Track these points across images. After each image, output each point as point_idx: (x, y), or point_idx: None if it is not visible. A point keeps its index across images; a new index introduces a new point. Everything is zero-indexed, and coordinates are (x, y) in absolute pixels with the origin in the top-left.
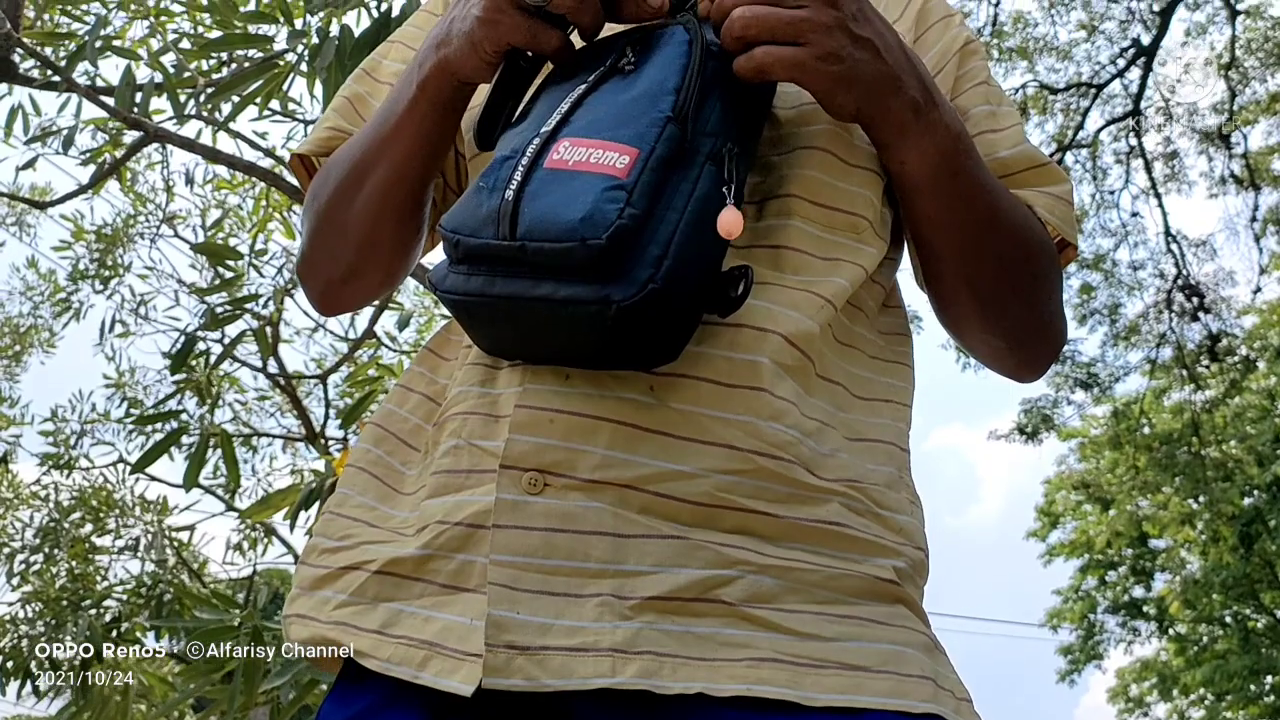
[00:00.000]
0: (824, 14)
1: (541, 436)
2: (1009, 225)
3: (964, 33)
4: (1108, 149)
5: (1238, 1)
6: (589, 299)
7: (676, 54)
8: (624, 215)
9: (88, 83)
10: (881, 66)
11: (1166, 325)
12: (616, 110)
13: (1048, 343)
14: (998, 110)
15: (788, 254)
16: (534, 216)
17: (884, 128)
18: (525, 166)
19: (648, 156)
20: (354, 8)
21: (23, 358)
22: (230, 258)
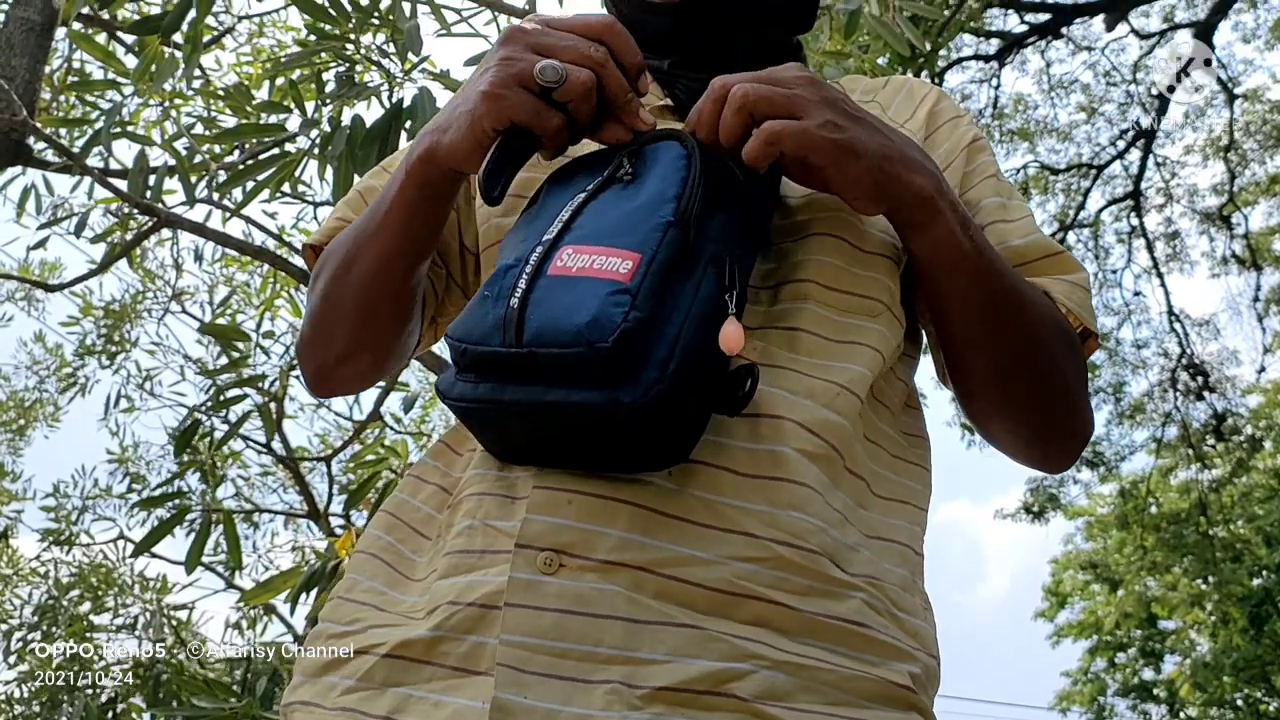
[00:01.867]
0: (816, 92)
1: (559, 517)
2: (1029, 310)
3: (971, 130)
4: (1109, 229)
5: (1235, 85)
6: (599, 403)
7: (675, 166)
8: (629, 319)
9: (101, 164)
10: (885, 140)
11: (1171, 404)
12: (618, 218)
13: (1074, 433)
14: (1008, 202)
15: (803, 337)
16: (540, 323)
17: (904, 205)
18: (529, 274)
19: (650, 261)
20: (366, 98)
21: (27, 432)
22: (237, 339)
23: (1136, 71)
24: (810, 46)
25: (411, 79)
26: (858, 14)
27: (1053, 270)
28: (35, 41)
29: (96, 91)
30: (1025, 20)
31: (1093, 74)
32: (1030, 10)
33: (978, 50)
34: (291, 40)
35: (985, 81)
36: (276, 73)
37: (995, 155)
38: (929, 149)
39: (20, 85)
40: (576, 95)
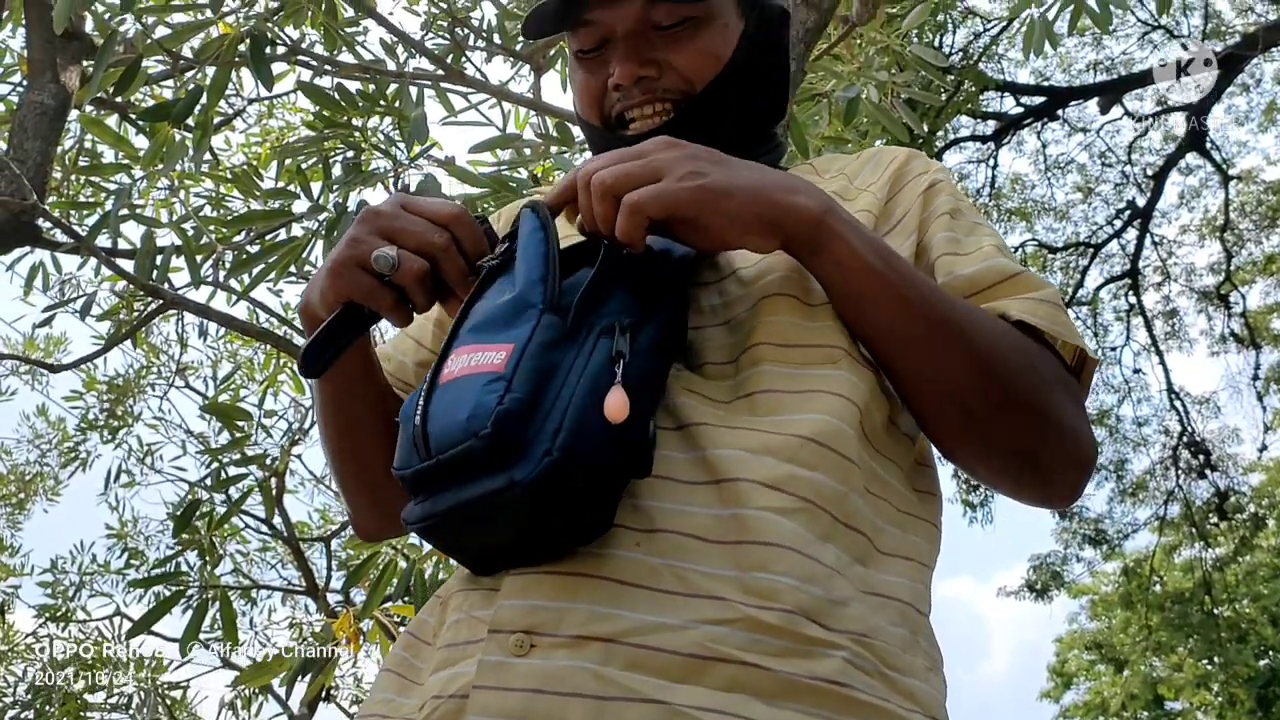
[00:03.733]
0: (674, 151)
1: (530, 599)
2: (972, 332)
3: (931, 176)
4: (1108, 307)
5: (1230, 166)
6: (500, 487)
7: (534, 242)
8: (505, 400)
9: (109, 242)
10: (758, 175)
11: (1174, 482)
12: (495, 314)
13: (1064, 458)
14: (962, 238)
15: (760, 398)
16: (436, 432)
17: (795, 230)
18: (425, 390)
19: (524, 345)
20: (372, 184)
21: (26, 505)
22: (239, 418)
23: (1131, 153)
24: (809, 132)
25: (417, 165)
26: (857, 101)
27: (1013, 291)
28: (48, 125)
29: (107, 175)
30: (1021, 102)
31: (1088, 155)
32: (1026, 93)
33: (975, 131)
34: (300, 121)
35: (983, 161)
36: (285, 156)
37: (958, 196)
38: (893, 207)
39: (31, 168)
40: (408, 282)
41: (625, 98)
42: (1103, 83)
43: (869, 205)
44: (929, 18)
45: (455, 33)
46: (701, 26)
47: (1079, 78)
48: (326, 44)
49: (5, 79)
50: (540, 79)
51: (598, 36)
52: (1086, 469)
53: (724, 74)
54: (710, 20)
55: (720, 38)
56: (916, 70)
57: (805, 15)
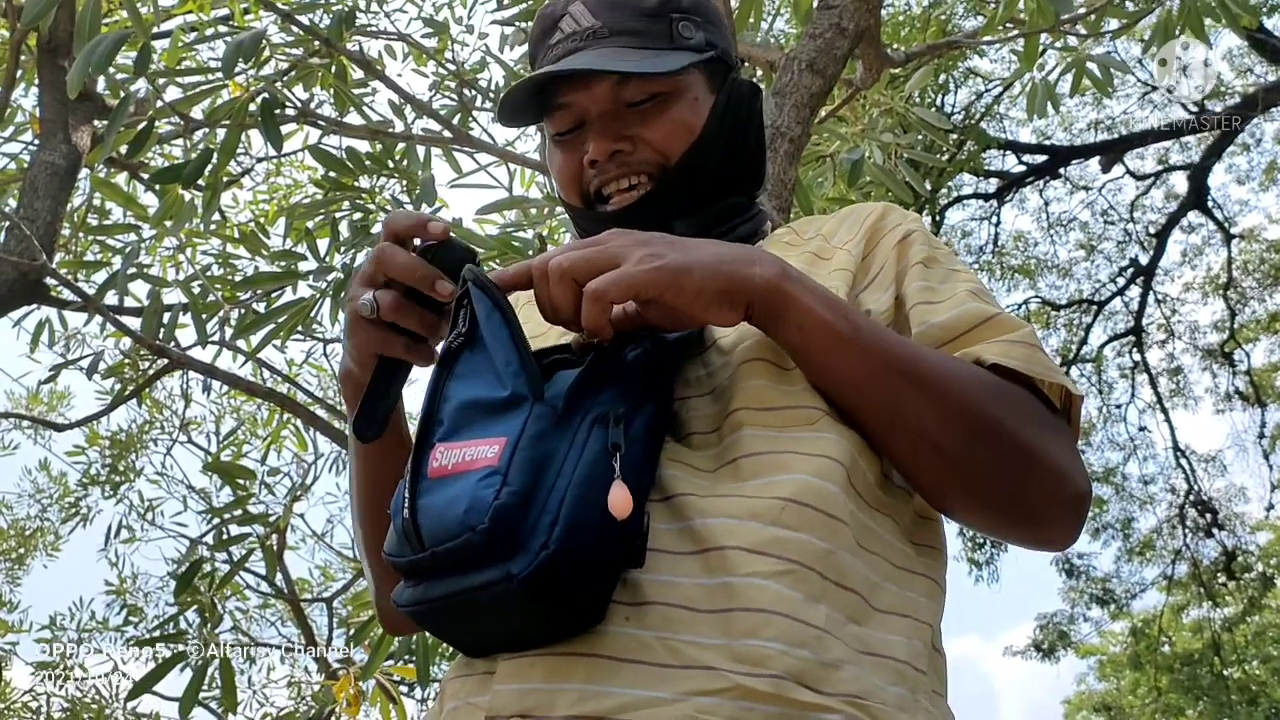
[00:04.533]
0: (629, 237)
1: (524, 683)
2: (934, 374)
3: (905, 229)
4: (1112, 364)
5: (1231, 225)
6: (496, 579)
7: (495, 324)
8: (501, 495)
9: (116, 300)
10: (714, 250)
11: (1181, 541)
12: (479, 402)
13: (1053, 496)
14: (936, 286)
15: (743, 463)
16: (429, 526)
17: (754, 300)
18: (410, 482)
19: (517, 439)
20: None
21: (26, 561)
22: (241, 476)
23: (1133, 210)
24: (814, 194)
25: None
26: (861, 162)
27: (988, 335)
28: (59, 184)
29: (115, 235)
30: (1023, 161)
31: (1090, 212)
32: (1027, 151)
33: (977, 189)
34: (307, 179)
35: (985, 219)
36: (292, 217)
37: (933, 244)
38: (869, 263)
39: (41, 227)
40: (394, 318)
41: (601, 173)
42: (1104, 142)
43: (845, 263)
44: (931, 79)
45: (463, 94)
46: (671, 101)
47: (1080, 136)
48: (336, 105)
49: (16, 137)
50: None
51: (573, 119)
52: (1079, 507)
53: (696, 144)
54: (680, 95)
55: (690, 111)
56: (920, 131)
57: (810, 81)
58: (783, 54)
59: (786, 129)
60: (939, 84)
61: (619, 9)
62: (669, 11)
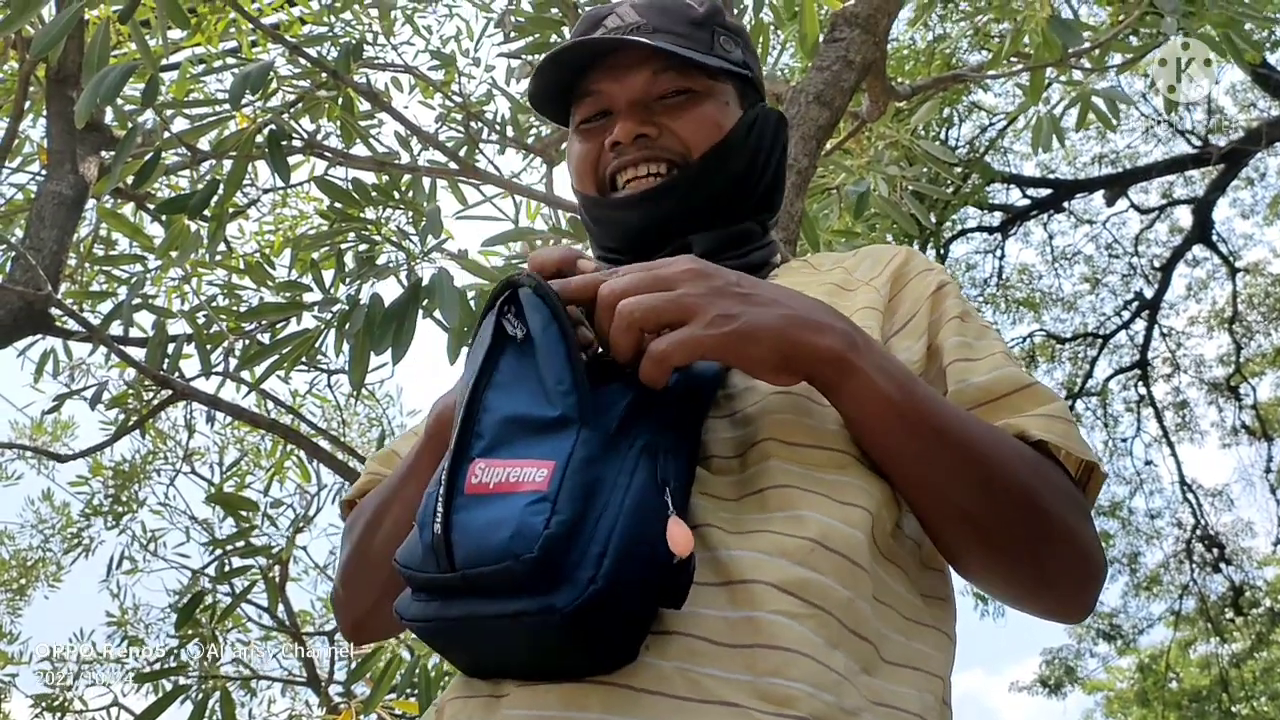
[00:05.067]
0: (701, 284)
1: (537, 709)
2: (984, 451)
3: (937, 278)
4: (1117, 397)
5: (1236, 259)
6: (535, 610)
7: (551, 340)
8: (551, 524)
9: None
10: (785, 310)
11: (1188, 576)
12: (525, 418)
13: (1079, 575)
14: (973, 342)
15: (771, 494)
16: (466, 547)
17: (817, 369)
18: (444, 496)
19: (565, 464)
20: (385, 277)
21: (27, 591)
22: (244, 508)
23: (1138, 244)
24: (820, 226)
25: (430, 258)
26: (867, 195)
27: (1025, 405)
28: (65, 214)
29: (121, 265)
30: (1027, 194)
31: (1095, 246)
32: (1031, 185)
33: (982, 222)
34: (313, 210)
35: (990, 252)
36: (298, 248)
37: (963, 299)
38: (897, 304)
39: (47, 256)
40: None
41: (620, 155)
42: (1108, 175)
43: (872, 301)
44: (936, 113)
45: (469, 126)
46: (702, 99)
47: (1084, 170)
48: (342, 137)
49: (24, 168)
50: (552, 172)
51: (600, 106)
52: (1099, 583)
53: (722, 143)
54: (712, 95)
55: (721, 112)
56: (925, 164)
57: (817, 113)
58: (789, 87)
59: (793, 161)
60: (943, 117)
61: (666, 13)
62: (713, 24)
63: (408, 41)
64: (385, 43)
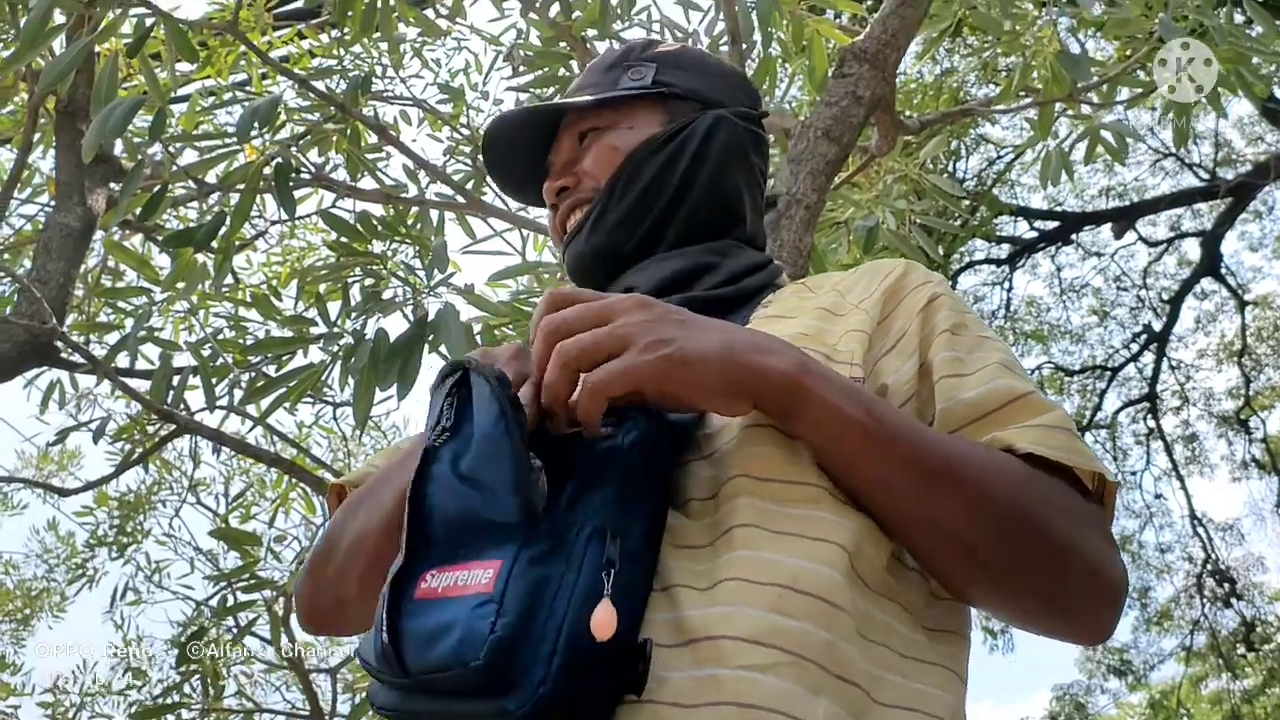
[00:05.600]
0: (642, 313)
1: None
2: (969, 474)
3: (930, 291)
4: (1126, 430)
5: (1245, 292)
6: (490, 713)
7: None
8: (497, 627)
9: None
10: (726, 335)
11: (1199, 611)
12: (469, 519)
13: (1091, 593)
14: (965, 356)
15: (738, 533)
16: (415, 653)
17: (766, 393)
18: (390, 601)
19: (511, 564)
20: (391, 312)
21: (31, 622)
22: (248, 543)
23: (1146, 277)
24: (829, 261)
25: (437, 293)
26: (876, 229)
27: (1018, 417)
28: (73, 246)
29: (127, 297)
30: (1035, 227)
31: (1103, 278)
32: (1039, 218)
33: (989, 255)
34: (321, 241)
35: (998, 284)
36: (304, 281)
37: (960, 310)
38: (889, 324)
39: (54, 289)
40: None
41: (559, 213)
42: (1115, 208)
43: (861, 324)
44: (945, 146)
45: (476, 159)
46: (604, 132)
47: (1091, 203)
48: (349, 170)
49: (33, 199)
50: None
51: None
52: (1117, 602)
53: (624, 163)
54: (614, 126)
55: (620, 137)
56: (934, 198)
57: (826, 148)
58: (797, 121)
59: (802, 196)
60: (951, 150)
61: (590, 73)
62: (626, 62)
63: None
64: (394, 76)
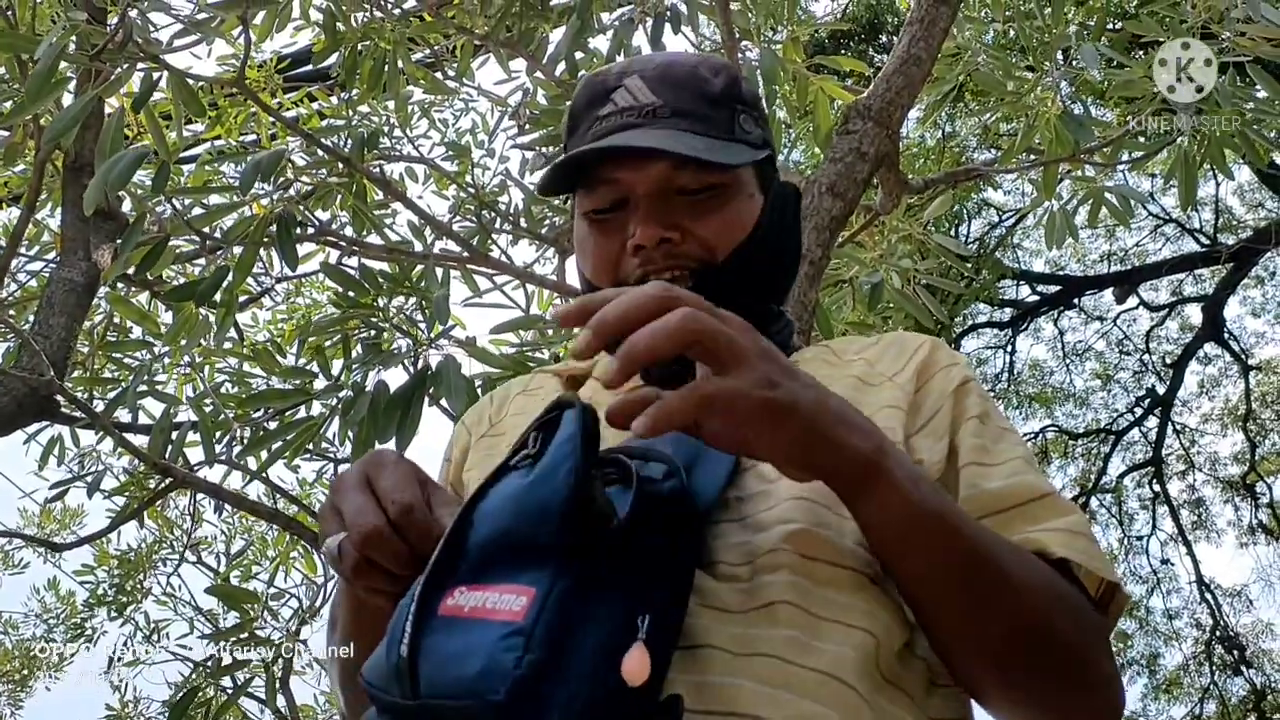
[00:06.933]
0: (754, 340)
1: None
2: (1011, 577)
3: (961, 373)
4: (1132, 494)
5: (1248, 357)
6: None
7: (564, 454)
8: (522, 664)
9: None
10: (822, 396)
11: (1208, 678)
12: (507, 539)
13: (1100, 711)
14: (990, 445)
15: (781, 609)
16: (431, 675)
17: (843, 469)
18: (414, 616)
19: (546, 595)
20: (391, 364)
21: (29, 683)
22: (246, 601)
23: (1149, 341)
24: (834, 318)
25: (438, 345)
26: (880, 286)
27: (1042, 515)
28: (76, 301)
29: (129, 352)
30: (1037, 290)
31: (1106, 342)
32: (1041, 281)
33: (992, 318)
34: (327, 299)
35: (1001, 348)
36: (306, 335)
37: (986, 397)
38: (920, 401)
39: (55, 343)
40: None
41: (646, 262)
42: (1117, 273)
43: (895, 400)
44: (947, 208)
45: (481, 216)
46: (727, 196)
47: (1093, 267)
48: (355, 226)
49: (41, 256)
50: (565, 262)
51: (614, 196)
52: (1115, 715)
53: (746, 244)
54: (736, 190)
55: (745, 208)
56: (938, 258)
57: (831, 204)
58: (802, 178)
59: (807, 251)
60: (954, 214)
61: (682, 90)
62: (733, 102)
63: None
64: (401, 135)
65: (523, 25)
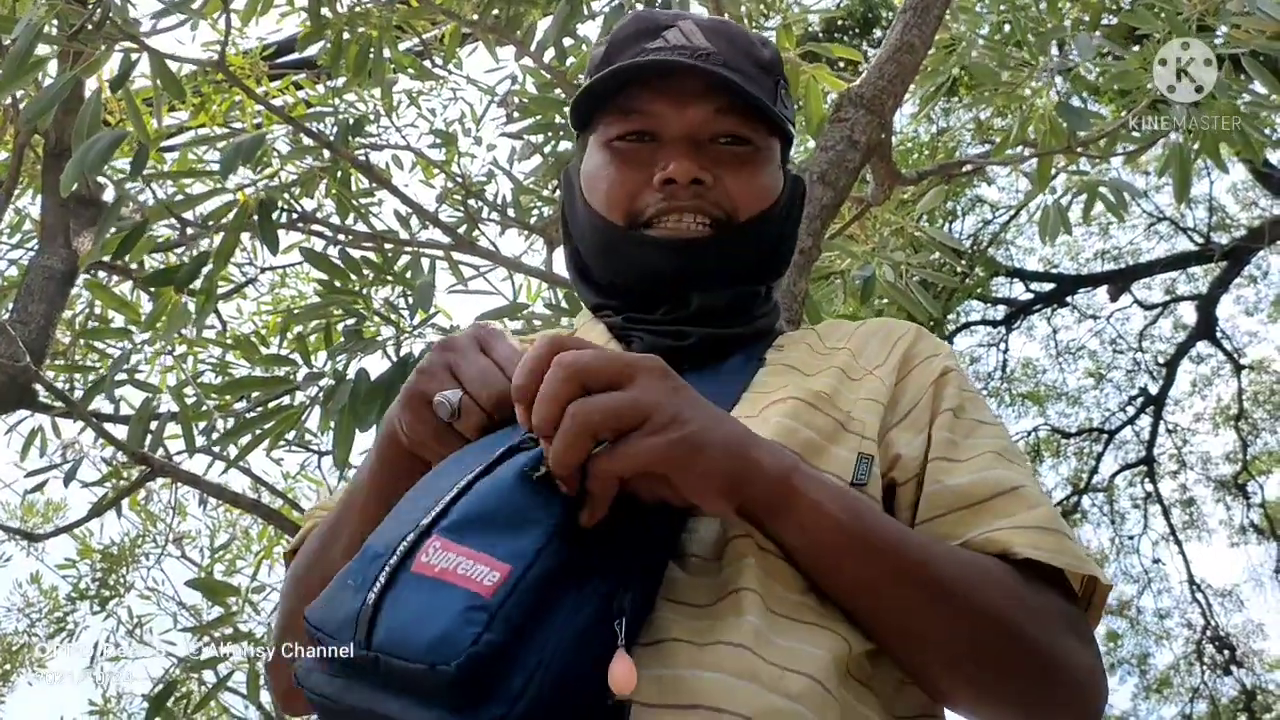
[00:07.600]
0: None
1: None
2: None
3: (942, 363)
4: (1124, 493)
5: (1241, 356)
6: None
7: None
8: (479, 641)
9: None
10: (729, 425)
11: (1199, 678)
12: (500, 506)
13: (1074, 708)
14: (960, 440)
15: (747, 596)
16: (390, 628)
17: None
18: (392, 567)
19: (520, 577)
20: (373, 351)
21: (11, 678)
22: (226, 594)
23: (1142, 340)
24: (826, 311)
25: (420, 333)
26: (873, 280)
27: (1009, 509)
28: (55, 289)
29: (109, 340)
30: (1030, 288)
31: (1099, 341)
32: (1035, 279)
33: (985, 316)
34: (312, 290)
35: (994, 345)
36: (289, 323)
37: (966, 388)
38: (900, 393)
39: (34, 331)
40: (470, 432)
41: (670, 198)
42: (1110, 271)
43: (877, 393)
44: (940, 203)
45: (469, 205)
46: (758, 158)
47: (1086, 266)
48: (339, 213)
49: (23, 244)
50: (553, 252)
51: (645, 127)
52: (1096, 713)
53: (769, 210)
54: (767, 155)
55: (773, 177)
56: (931, 252)
57: (822, 192)
58: (793, 167)
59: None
60: (946, 210)
61: (735, 45)
62: (776, 74)
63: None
64: (388, 123)
65: (510, 11)
